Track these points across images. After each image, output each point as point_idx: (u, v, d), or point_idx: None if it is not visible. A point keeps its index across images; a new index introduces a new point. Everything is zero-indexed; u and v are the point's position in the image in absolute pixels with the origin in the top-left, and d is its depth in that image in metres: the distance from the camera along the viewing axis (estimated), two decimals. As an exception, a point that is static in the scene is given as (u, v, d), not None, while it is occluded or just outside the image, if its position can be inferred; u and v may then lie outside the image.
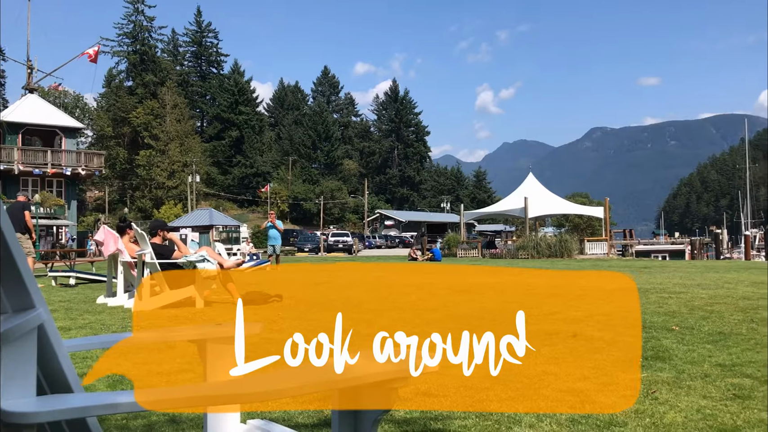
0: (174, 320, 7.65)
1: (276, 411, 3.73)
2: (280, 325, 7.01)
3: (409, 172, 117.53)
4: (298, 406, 3.81)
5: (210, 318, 7.81)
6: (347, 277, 15.37)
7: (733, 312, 7.95)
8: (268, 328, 6.71)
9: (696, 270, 19.69)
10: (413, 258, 30.68)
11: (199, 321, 7.59)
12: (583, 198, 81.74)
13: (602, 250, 37.04)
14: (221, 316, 7.92)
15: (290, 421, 3.57)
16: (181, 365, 4.96)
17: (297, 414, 3.70)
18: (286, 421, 3.53)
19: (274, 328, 6.77)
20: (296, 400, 3.89)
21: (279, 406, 3.80)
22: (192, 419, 3.53)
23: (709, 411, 3.66)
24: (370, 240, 72.15)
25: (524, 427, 3.41)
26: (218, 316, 7.99)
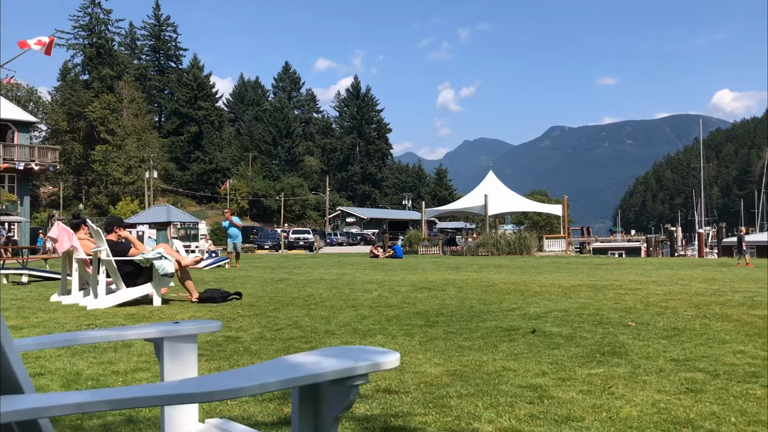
0: (130, 318, 7.51)
1: (235, 409, 3.68)
2: (239, 324, 6.94)
3: (371, 169, 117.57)
4: (258, 405, 3.78)
5: (168, 316, 7.69)
6: (308, 275, 15.30)
7: (687, 308, 8.14)
8: (227, 326, 6.64)
9: (651, 267, 20.12)
10: (375, 255, 30.69)
11: (156, 319, 7.47)
12: (542, 196, 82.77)
13: (560, 247, 37.60)
14: (179, 314, 7.81)
15: (250, 419, 3.53)
16: (137, 364, 4.88)
17: (257, 412, 3.66)
18: (245, 420, 3.49)
19: (234, 327, 6.71)
20: (256, 399, 3.85)
21: (239, 405, 3.76)
22: (149, 419, 3.47)
23: (664, 405, 3.73)
24: (332, 237, 72.01)
25: (484, 423, 3.43)
26: (176, 314, 7.87)
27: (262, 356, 5.22)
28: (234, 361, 5.04)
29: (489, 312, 7.83)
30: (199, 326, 2.51)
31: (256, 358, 5.13)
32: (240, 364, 4.92)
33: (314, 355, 2.04)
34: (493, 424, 3.40)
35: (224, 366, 4.86)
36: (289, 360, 1.98)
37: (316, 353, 2.07)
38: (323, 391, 1.89)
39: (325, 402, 1.89)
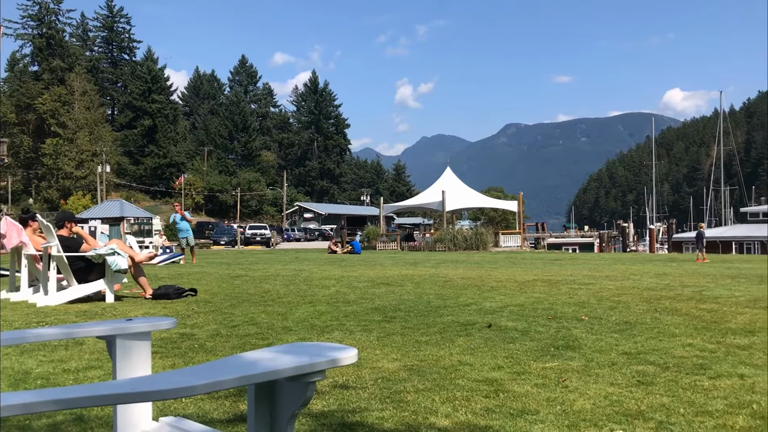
0: (82, 315, 7.35)
1: (190, 407, 3.64)
2: (194, 320, 6.85)
3: (329, 164, 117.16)
4: (214, 402, 3.74)
5: (121, 313, 7.54)
6: (265, 271, 15.18)
7: (639, 302, 8.33)
8: (181, 323, 6.55)
9: (604, 262, 20.53)
10: (332, 251, 30.62)
11: (109, 316, 7.32)
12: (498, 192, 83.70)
13: (516, 242, 38.08)
14: (132, 311, 7.67)
15: (205, 417, 3.49)
16: (89, 362, 4.78)
17: (212, 409, 3.62)
18: (200, 417, 3.45)
19: (189, 323, 6.62)
20: (211, 396, 3.81)
21: (194, 402, 3.71)
22: (101, 417, 3.40)
23: (616, 397, 3.81)
24: (289, 233, 71.55)
25: (440, 417, 3.46)
26: (129, 311, 7.73)
27: (217, 353, 5.16)
28: (189, 358, 4.98)
29: (446, 307, 7.89)
30: (152, 323, 2.47)
31: (211, 355, 5.07)
32: (195, 361, 4.86)
33: (271, 351, 2.03)
34: (450, 419, 3.43)
35: (179, 363, 4.80)
36: (245, 357, 1.96)
37: (273, 350, 2.06)
38: (280, 388, 1.87)
39: (282, 399, 1.88)
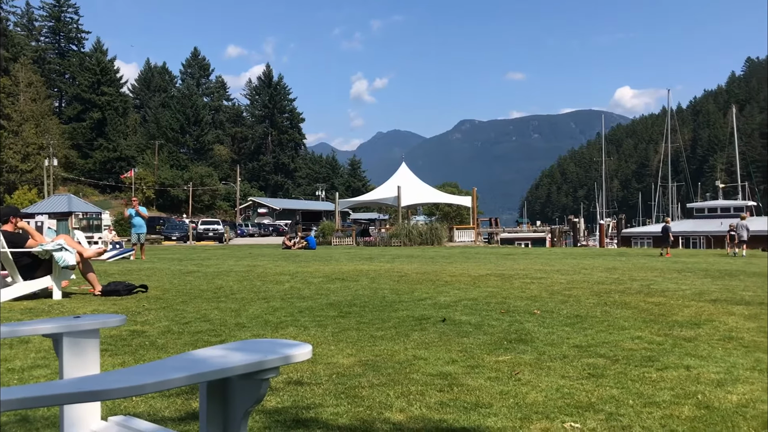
0: (28, 313, 7.14)
1: (141, 405, 3.57)
2: (145, 317, 6.73)
3: (284, 159, 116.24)
4: (165, 400, 3.68)
5: (68, 310, 7.36)
6: (217, 267, 15.00)
7: (589, 296, 8.49)
8: (132, 320, 6.43)
9: (556, 257, 20.89)
10: (287, 246, 30.43)
11: (56, 313, 7.13)
12: (452, 188, 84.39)
13: (470, 237, 38.43)
14: (81, 308, 7.49)
15: (156, 415, 3.42)
16: (35, 361, 4.65)
17: (163, 408, 3.55)
18: (151, 416, 3.39)
19: (139, 320, 6.50)
20: (163, 394, 3.74)
21: (144, 400, 3.64)
22: (47, 418, 3.30)
23: (567, 390, 3.88)
24: (243, 228, 70.85)
25: (395, 412, 3.46)
26: (77, 308, 7.55)
27: (169, 350, 5.08)
28: (139, 355, 4.89)
29: (401, 302, 7.91)
30: (101, 320, 2.42)
31: (162, 353, 4.99)
32: (145, 359, 4.78)
33: (223, 348, 2.00)
34: (404, 413, 3.44)
35: (129, 361, 4.71)
36: (196, 354, 1.93)
37: (226, 347, 2.03)
38: (233, 385, 1.85)
39: (235, 396, 1.85)
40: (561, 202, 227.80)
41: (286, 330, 6.01)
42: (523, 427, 3.21)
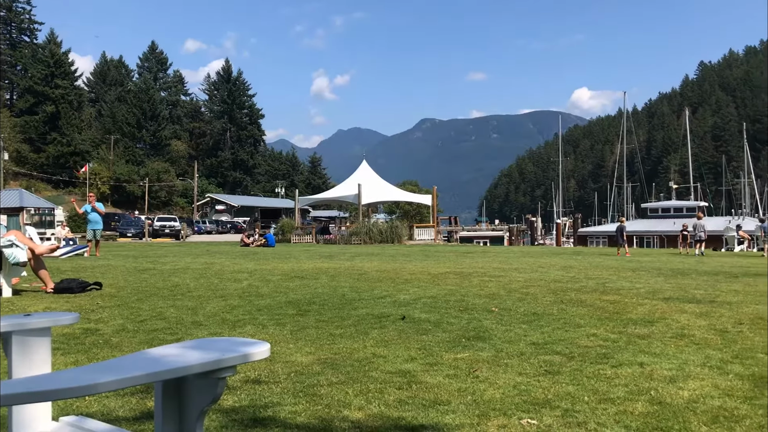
0: (-25, 311, 6.93)
1: (94, 405, 3.49)
2: (99, 315, 6.60)
3: (243, 155, 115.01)
4: (119, 399, 3.61)
5: (19, 308, 7.17)
6: (174, 264, 14.79)
7: (546, 294, 8.61)
8: (85, 318, 6.30)
9: (513, 255, 21.13)
10: (245, 244, 30.16)
11: (6, 311, 6.94)
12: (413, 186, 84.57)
13: (430, 236, 38.64)
14: (32, 306, 7.30)
15: (109, 415, 3.36)
16: (-18, 361, 4.51)
17: (118, 407, 3.49)
18: (104, 416, 3.32)
19: (93, 318, 6.37)
20: (117, 393, 3.68)
21: (97, 400, 3.57)
22: (-5, 419, 3.21)
23: (524, 387, 3.93)
24: (200, 225, 69.93)
25: (354, 410, 3.46)
26: (28, 305, 7.36)
27: (123, 349, 4.99)
28: (93, 354, 4.79)
29: (361, 300, 7.91)
30: (53, 318, 2.36)
31: (117, 351, 4.90)
32: (99, 357, 4.68)
33: (179, 347, 1.97)
34: (363, 411, 3.44)
35: (82, 360, 4.61)
36: (152, 353, 1.90)
37: (182, 345, 2.00)
38: (189, 384, 1.82)
39: (191, 395, 1.82)
40: (519, 201, 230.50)
41: (244, 328, 5.95)
42: (481, 424, 3.23)
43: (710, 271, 13.51)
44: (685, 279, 11.26)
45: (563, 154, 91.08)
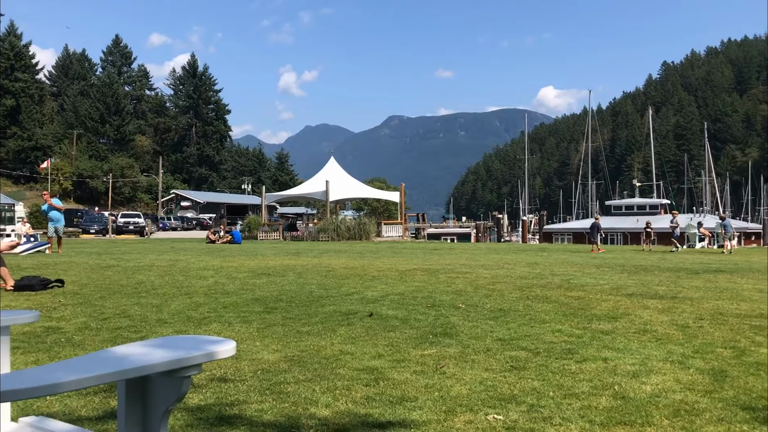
0: (-68, 310, 6.75)
1: (55, 405, 3.43)
2: (61, 313, 6.47)
3: (208, 151, 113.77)
4: (82, 399, 3.55)
5: (-23, 306, 7.00)
6: (138, 261, 14.58)
7: (512, 290, 8.69)
8: (46, 317, 6.18)
9: (480, 252, 21.28)
10: (211, 241, 29.86)
11: (-36, 310, 6.77)
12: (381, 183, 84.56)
13: (397, 233, 38.69)
14: (-9, 304, 7.13)
15: (71, 415, 3.30)
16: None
17: (80, 407, 3.43)
18: (66, 416, 3.26)
19: (55, 316, 6.25)
20: (79, 393, 3.61)
21: (59, 400, 3.50)
22: (-48, 421, 3.13)
23: (490, 382, 3.96)
24: (165, 221, 69.01)
25: (321, 407, 3.45)
26: (-13, 303, 7.19)
27: (86, 347, 4.91)
28: (54, 353, 4.71)
29: (328, 297, 7.89)
30: (12, 317, 2.31)
31: (79, 350, 4.82)
32: (61, 356, 4.60)
33: (143, 345, 1.94)
34: (330, 408, 3.43)
35: (43, 359, 4.52)
36: (115, 351, 1.87)
37: (146, 343, 1.98)
38: (153, 383, 1.80)
39: (155, 394, 1.80)
40: (486, 198, 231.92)
41: (209, 326, 5.90)
42: (448, 420, 3.25)
43: (672, 267, 13.77)
44: (648, 275, 11.46)
45: (529, 151, 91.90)
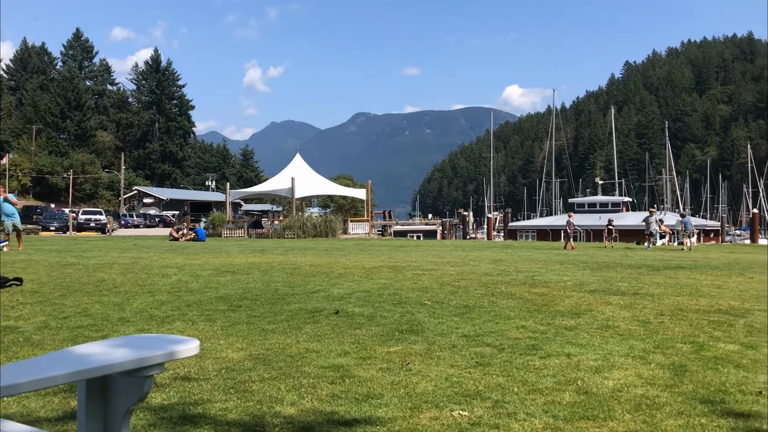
0: None
1: (13, 406, 3.35)
2: (19, 312, 6.33)
3: (172, 147, 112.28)
4: (41, 399, 3.47)
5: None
6: (100, 259, 14.34)
7: (477, 287, 8.75)
8: (4, 315, 6.06)
9: (446, 249, 21.39)
10: (175, 238, 29.50)
11: None
12: (347, 180, 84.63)
13: (364, 230, 38.69)
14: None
15: (30, 416, 3.23)
16: None
17: (39, 408, 3.36)
18: (24, 417, 3.19)
19: (12, 315, 6.11)
20: (38, 393, 3.54)
21: (17, 401, 3.42)
22: None
23: (456, 378, 3.98)
24: (127, 218, 67.96)
25: (286, 405, 3.43)
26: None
27: (45, 347, 4.81)
28: (12, 353, 4.60)
29: (294, 294, 7.85)
30: (-33, 317, 2.25)
31: (38, 350, 4.72)
32: (19, 356, 4.50)
33: (104, 345, 1.91)
34: (296, 407, 3.41)
35: (1, 359, 4.41)
36: (75, 351, 1.83)
37: (107, 342, 1.94)
38: (114, 382, 1.76)
39: (116, 394, 1.77)
40: (452, 195, 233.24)
41: (172, 324, 5.83)
42: (413, 417, 3.26)
43: (634, 264, 14.00)
44: (610, 272, 11.64)
45: (494, 149, 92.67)
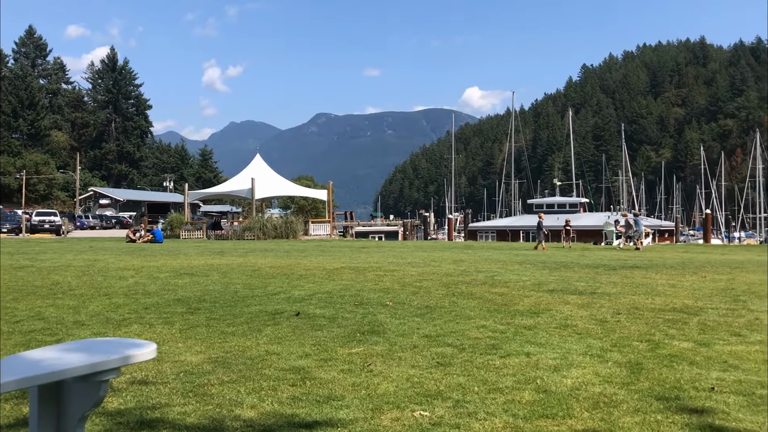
0: None
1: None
2: (-31, 316, 6.14)
3: (128, 147, 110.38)
4: (-9, 407, 3.37)
5: None
6: (54, 261, 14.01)
7: (438, 287, 8.79)
8: (-47, 320, 5.86)
9: (407, 249, 21.45)
10: (131, 240, 29.01)
11: None
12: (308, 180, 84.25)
13: (325, 231, 38.57)
14: None
15: (-21, 424, 3.13)
16: None
17: (-11, 415, 3.26)
18: (-26, 425, 3.09)
19: (-38, 320, 5.92)
20: (-12, 400, 3.43)
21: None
22: None
23: (417, 379, 3.99)
24: (83, 220, 66.56)
25: (246, 408, 3.40)
26: None
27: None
28: (-39, 359, 4.45)
29: (254, 296, 7.78)
30: None
31: (-11, 355, 4.57)
32: (-31, 362, 4.35)
33: (58, 349, 1.86)
34: (256, 409, 3.38)
35: (-52, 366, 4.26)
36: (27, 356, 1.78)
37: (61, 347, 1.89)
38: (68, 388, 1.72)
39: (70, 400, 1.72)
40: (413, 196, 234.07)
41: (129, 328, 5.73)
42: (375, 418, 3.25)
43: (591, 264, 14.24)
44: (568, 272, 11.81)
45: (455, 151, 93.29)
